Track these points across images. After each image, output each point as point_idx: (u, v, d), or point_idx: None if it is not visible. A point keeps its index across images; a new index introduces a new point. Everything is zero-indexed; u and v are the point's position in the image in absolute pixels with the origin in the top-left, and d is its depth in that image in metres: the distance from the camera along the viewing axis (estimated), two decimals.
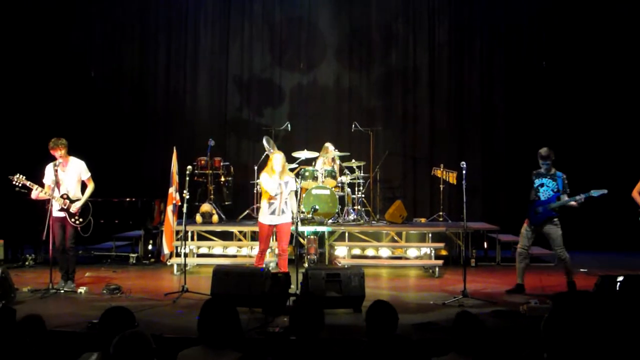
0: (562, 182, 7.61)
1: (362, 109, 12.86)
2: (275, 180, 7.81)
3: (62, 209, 7.75)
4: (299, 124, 12.63)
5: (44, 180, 7.81)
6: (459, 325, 3.60)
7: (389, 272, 9.69)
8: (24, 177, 7.63)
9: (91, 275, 8.96)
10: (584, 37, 12.34)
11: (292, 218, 7.98)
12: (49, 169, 7.81)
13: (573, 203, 7.51)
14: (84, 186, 8.00)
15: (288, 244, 8.11)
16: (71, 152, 7.98)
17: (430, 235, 10.04)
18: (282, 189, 7.82)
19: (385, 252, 10.13)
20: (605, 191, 7.43)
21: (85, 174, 7.98)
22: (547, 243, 10.62)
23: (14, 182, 7.60)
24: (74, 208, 7.77)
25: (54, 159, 7.80)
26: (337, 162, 10.86)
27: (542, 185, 7.66)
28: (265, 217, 7.88)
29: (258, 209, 10.94)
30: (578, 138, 12.16)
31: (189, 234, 10.05)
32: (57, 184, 7.74)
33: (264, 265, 7.81)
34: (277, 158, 7.91)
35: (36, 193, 7.68)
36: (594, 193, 7.42)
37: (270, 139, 10.89)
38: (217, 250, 10.25)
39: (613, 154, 12.05)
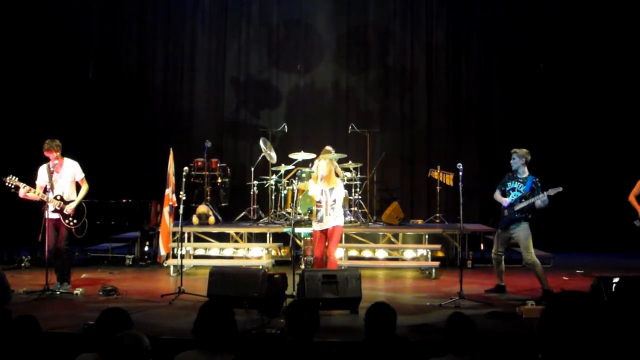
0: (530, 184, 7.55)
1: (359, 111, 12.87)
2: (319, 187, 7.74)
3: (56, 210, 7.74)
4: (296, 126, 12.63)
5: (37, 182, 7.80)
6: (452, 327, 3.61)
7: (386, 273, 9.70)
8: (17, 178, 7.62)
9: (87, 277, 8.96)
10: (581, 39, 12.37)
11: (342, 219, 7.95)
12: (43, 170, 7.81)
13: (538, 202, 7.39)
14: (78, 187, 8.00)
15: (335, 248, 7.96)
16: (68, 153, 7.98)
17: (426, 236, 10.05)
18: (326, 196, 7.69)
19: (381, 253, 10.15)
20: (560, 189, 7.31)
21: (79, 175, 7.97)
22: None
23: (7, 184, 7.60)
24: (69, 209, 7.76)
25: (48, 160, 7.79)
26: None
27: (513, 189, 7.66)
28: (314, 224, 7.85)
29: (255, 210, 10.99)
30: (575, 140, 12.20)
31: (186, 235, 10.04)
32: (51, 185, 7.73)
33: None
34: (320, 165, 7.83)
35: (23, 192, 7.63)
36: (551, 192, 7.34)
37: (267, 140, 10.89)
38: (214, 251, 10.25)
39: (610, 156, 12.08)
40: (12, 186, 7.62)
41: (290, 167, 10.70)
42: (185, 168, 8.19)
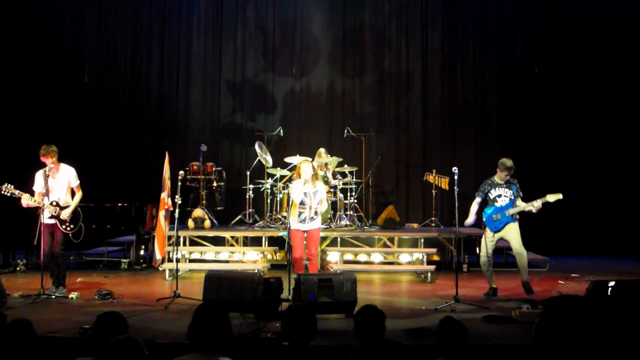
0: (515, 187, 7.76)
1: (355, 115, 12.85)
2: (302, 189, 7.88)
3: (52, 216, 7.73)
4: (291, 129, 12.61)
5: (34, 188, 7.78)
6: (443, 331, 3.62)
7: (381, 277, 9.70)
8: (12, 186, 7.61)
9: (83, 281, 8.92)
10: (576, 43, 12.40)
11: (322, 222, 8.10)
12: (39, 175, 7.79)
13: (531, 208, 7.60)
14: (73, 193, 7.98)
15: (317, 249, 8.17)
16: (63, 157, 7.96)
17: (422, 240, 10.07)
18: (310, 200, 7.91)
19: (377, 257, 10.15)
20: (561, 196, 7.49)
21: (75, 182, 7.96)
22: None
23: (2, 192, 7.59)
24: (64, 215, 7.75)
25: (45, 165, 7.78)
26: (330, 167, 10.84)
27: (499, 195, 7.79)
28: (294, 224, 7.92)
29: (250, 214, 10.98)
30: (571, 144, 12.21)
31: (181, 239, 10.04)
32: (47, 191, 7.72)
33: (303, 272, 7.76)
34: (305, 167, 7.95)
35: (26, 202, 7.66)
36: (550, 198, 7.47)
37: (262, 144, 10.89)
38: (209, 255, 10.26)
39: (606, 160, 12.10)
40: (8, 194, 7.63)
41: (285, 172, 10.69)
42: (181, 172, 8.19)
